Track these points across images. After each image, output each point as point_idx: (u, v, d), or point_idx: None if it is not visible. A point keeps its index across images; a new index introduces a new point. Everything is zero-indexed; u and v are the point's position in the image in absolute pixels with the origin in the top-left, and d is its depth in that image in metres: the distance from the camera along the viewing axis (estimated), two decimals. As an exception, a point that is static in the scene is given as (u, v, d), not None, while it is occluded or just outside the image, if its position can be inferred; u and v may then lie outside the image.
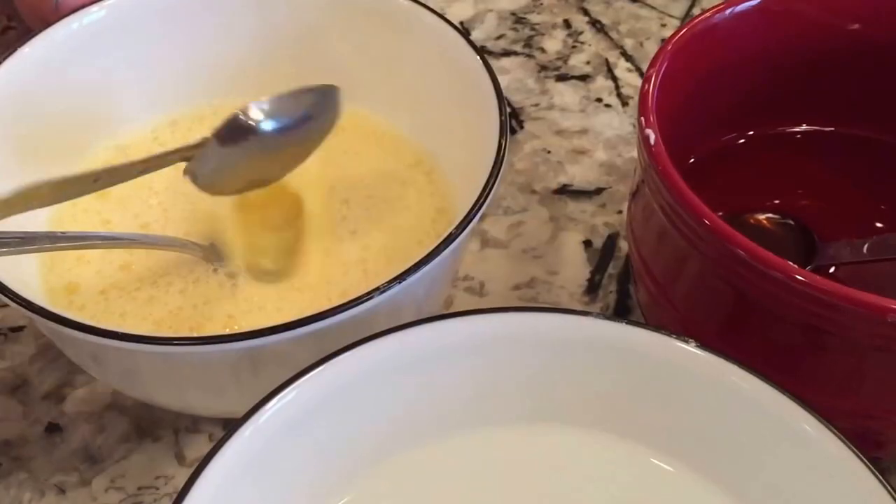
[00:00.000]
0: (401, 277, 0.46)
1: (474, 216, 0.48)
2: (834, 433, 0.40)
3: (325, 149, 0.58)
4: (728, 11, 0.56)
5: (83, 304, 0.56)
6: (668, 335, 0.44)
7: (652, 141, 0.49)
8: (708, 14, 0.55)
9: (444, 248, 0.47)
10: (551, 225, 0.68)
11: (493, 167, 0.50)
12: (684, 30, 0.54)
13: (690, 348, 0.43)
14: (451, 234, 0.48)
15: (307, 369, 0.42)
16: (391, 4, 0.62)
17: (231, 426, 0.40)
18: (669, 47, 0.53)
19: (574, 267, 0.66)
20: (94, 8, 0.60)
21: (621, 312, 0.63)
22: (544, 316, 0.45)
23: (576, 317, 0.45)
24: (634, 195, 0.57)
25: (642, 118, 0.50)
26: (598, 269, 0.66)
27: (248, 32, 0.65)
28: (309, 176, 0.61)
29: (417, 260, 0.47)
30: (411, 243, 0.58)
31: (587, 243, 0.67)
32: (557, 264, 0.66)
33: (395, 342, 0.43)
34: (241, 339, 0.45)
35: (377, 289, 0.46)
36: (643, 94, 0.51)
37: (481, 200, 0.49)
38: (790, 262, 0.44)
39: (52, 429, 0.57)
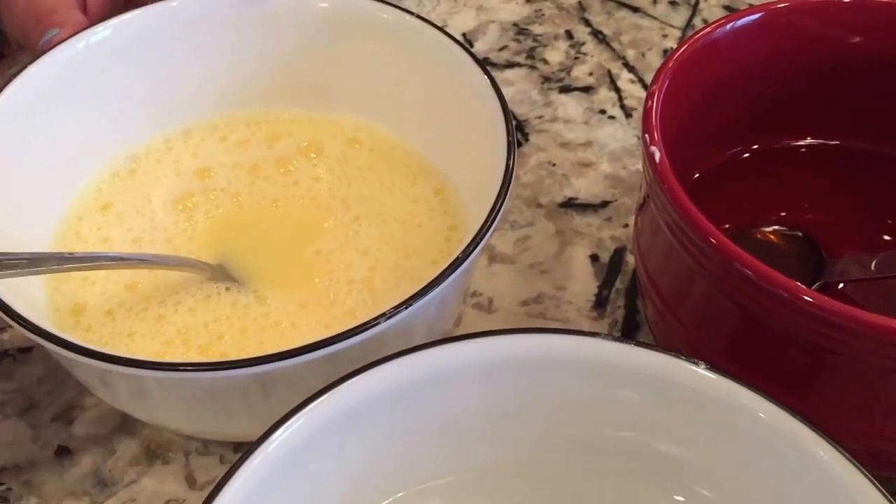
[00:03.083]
0: (410, 301, 0.46)
1: (482, 239, 0.48)
2: (846, 457, 0.40)
3: (338, 163, 0.58)
4: (728, 26, 0.55)
5: (89, 325, 0.56)
6: (678, 357, 0.43)
7: (657, 159, 0.49)
8: (709, 29, 0.55)
9: (452, 272, 0.47)
10: (558, 239, 0.68)
11: (501, 189, 0.50)
12: (685, 45, 0.54)
13: (701, 371, 0.43)
14: (458, 258, 0.48)
15: (314, 396, 0.42)
16: (400, 23, 0.62)
17: (240, 456, 0.40)
18: (671, 64, 0.53)
19: (581, 282, 0.66)
20: (100, 27, 0.60)
21: (630, 328, 0.63)
22: (553, 337, 0.45)
23: (585, 338, 0.45)
24: (640, 210, 0.57)
25: (647, 135, 0.50)
26: (606, 283, 0.65)
27: (257, 48, 0.65)
28: (320, 191, 0.62)
29: (427, 283, 0.47)
30: (426, 262, 0.58)
31: (594, 258, 0.67)
32: (565, 279, 0.66)
33: (404, 366, 0.43)
34: (251, 365, 0.45)
35: (385, 314, 0.46)
36: (647, 111, 0.51)
37: (488, 224, 0.49)
38: (797, 283, 0.44)
39: (62, 452, 0.57)
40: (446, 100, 0.61)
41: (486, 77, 0.57)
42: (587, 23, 0.85)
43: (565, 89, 0.79)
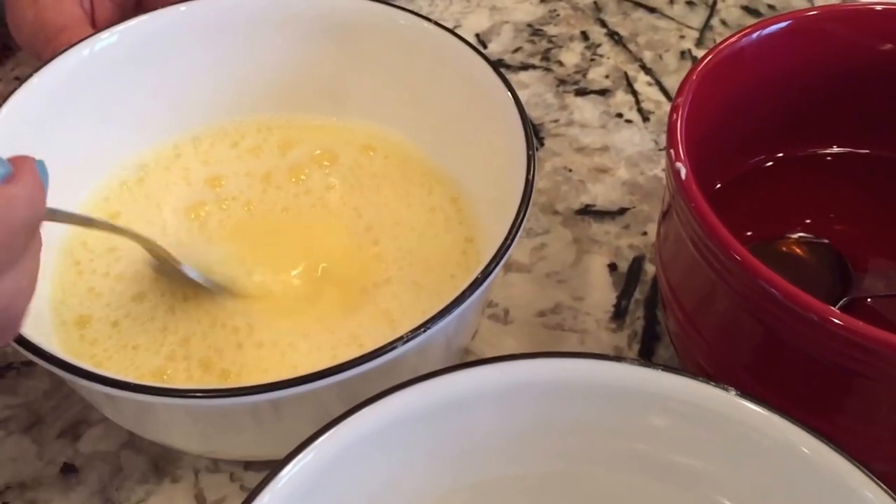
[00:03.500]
0: (429, 324, 0.45)
1: (502, 257, 0.47)
2: (874, 481, 0.38)
3: (351, 171, 0.57)
4: (755, 35, 0.54)
5: (95, 338, 0.55)
6: (707, 383, 0.42)
7: (683, 176, 0.47)
8: (734, 38, 0.54)
9: (472, 292, 0.46)
10: (575, 247, 0.67)
11: (521, 204, 0.49)
12: (710, 55, 0.53)
13: (731, 396, 0.42)
14: (478, 278, 0.46)
15: (337, 420, 0.41)
16: (417, 28, 0.60)
17: (262, 480, 0.39)
18: (695, 76, 0.52)
19: (600, 291, 0.64)
20: (105, 34, 0.59)
21: (650, 339, 0.62)
22: (576, 362, 0.43)
23: (610, 363, 0.43)
24: (662, 221, 0.55)
25: (672, 150, 0.49)
26: (625, 293, 0.64)
27: (268, 53, 0.64)
28: (333, 200, 0.60)
29: (447, 303, 0.45)
30: (444, 276, 0.56)
31: (612, 266, 0.66)
32: (582, 289, 0.64)
33: (424, 392, 0.42)
34: (264, 392, 0.44)
35: (403, 337, 0.45)
36: (671, 125, 0.50)
37: (508, 242, 0.47)
38: (827, 305, 0.43)
39: (68, 470, 0.56)
40: (462, 107, 0.59)
41: (504, 85, 0.55)
42: (603, 23, 0.84)
43: (581, 92, 0.78)
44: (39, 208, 0.39)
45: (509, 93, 0.55)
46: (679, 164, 0.47)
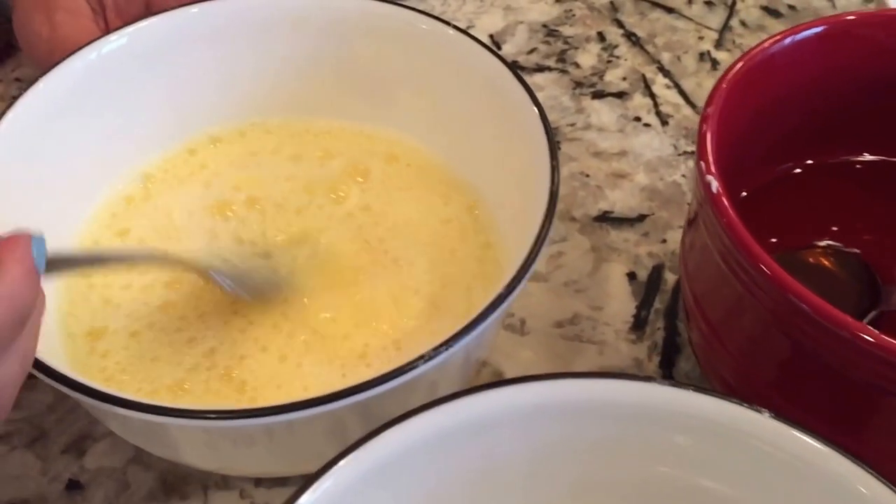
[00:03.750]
0: (450, 342, 0.43)
1: (525, 273, 0.45)
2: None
3: (366, 176, 0.57)
4: (788, 40, 0.53)
5: (107, 350, 0.54)
6: (740, 404, 0.41)
7: (714, 189, 0.46)
8: (766, 44, 0.52)
9: (494, 310, 0.44)
10: (593, 255, 0.65)
11: (545, 218, 0.47)
12: (741, 63, 0.52)
13: (764, 419, 0.40)
14: (500, 295, 0.45)
15: (359, 442, 0.39)
16: (437, 33, 0.59)
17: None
18: (725, 84, 0.51)
19: (618, 301, 0.63)
20: (114, 37, 0.57)
21: (670, 351, 0.60)
22: (602, 382, 0.42)
23: (640, 383, 0.42)
24: (688, 230, 0.54)
25: (702, 163, 0.47)
26: (644, 304, 0.62)
27: (282, 57, 0.62)
28: (347, 210, 0.59)
29: (468, 322, 0.44)
30: (460, 289, 0.55)
31: (631, 275, 0.64)
32: (601, 299, 0.63)
33: (447, 413, 0.41)
34: (277, 413, 0.42)
35: (424, 356, 0.43)
36: (701, 136, 0.48)
37: (532, 256, 0.46)
38: (858, 322, 0.42)
39: (73, 486, 0.54)
40: (481, 113, 0.58)
41: (528, 95, 0.54)
42: (620, 24, 0.82)
43: (598, 95, 0.76)
44: (26, 297, 0.38)
45: (534, 105, 0.53)
46: (710, 178, 0.46)
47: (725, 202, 0.45)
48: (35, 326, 0.40)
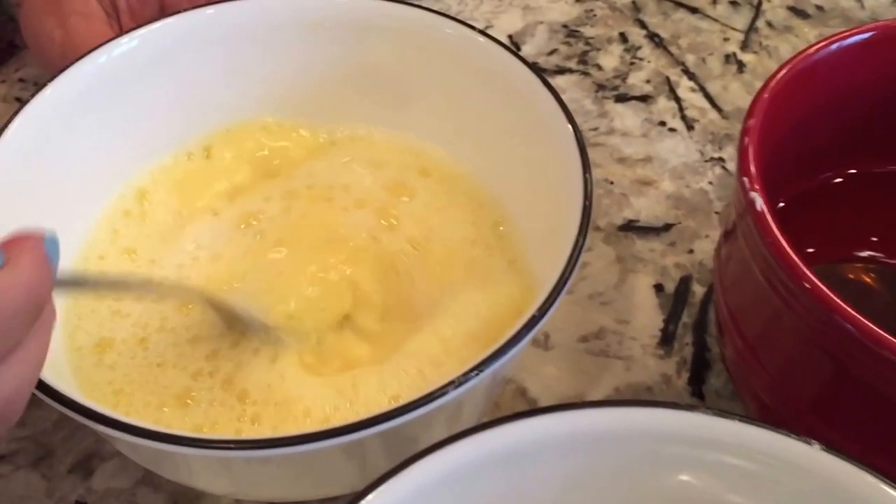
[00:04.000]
0: (482, 366, 0.41)
1: (558, 295, 0.43)
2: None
3: (387, 189, 0.56)
4: (834, 46, 0.51)
5: (114, 362, 0.52)
6: (788, 435, 0.38)
7: (759, 207, 0.44)
8: (811, 51, 0.51)
9: (528, 333, 0.42)
10: (618, 266, 0.63)
11: (578, 237, 0.45)
12: (783, 71, 0.50)
13: (816, 452, 0.38)
14: (534, 316, 0.43)
15: (394, 470, 0.38)
16: (468, 41, 0.57)
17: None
18: (767, 94, 0.49)
19: (646, 314, 0.61)
20: (125, 39, 0.56)
21: (700, 368, 0.58)
22: (643, 412, 0.40)
23: (681, 413, 0.40)
24: (724, 242, 0.53)
25: (745, 178, 0.45)
26: (672, 317, 0.60)
27: (300, 60, 0.60)
28: (367, 228, 0.57)
29: (499, 346, 0.42)
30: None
31: (658, 287, 0.62)
32: (627, 312, 0.61)
33: (476, 445, 0.39)
34: (298, 444, 0.40)
35: (454, 381, 0.41)
36: (743, 150, 0.47)
37: (565, 276, 0.44)
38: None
39: (81, 508, 0.52)
40: (509, 122, 0.56)
41: (556, 101, 0.52)
42: (642, 24, 0.79)
43: (621, 98, 0.74)
44: (41, 291, 0.37)
45: (564, 114, 0.52)
46: (753, 195, 0.44)
47: (770, 220, 0.44)
48: (47, 330, 0.39)
